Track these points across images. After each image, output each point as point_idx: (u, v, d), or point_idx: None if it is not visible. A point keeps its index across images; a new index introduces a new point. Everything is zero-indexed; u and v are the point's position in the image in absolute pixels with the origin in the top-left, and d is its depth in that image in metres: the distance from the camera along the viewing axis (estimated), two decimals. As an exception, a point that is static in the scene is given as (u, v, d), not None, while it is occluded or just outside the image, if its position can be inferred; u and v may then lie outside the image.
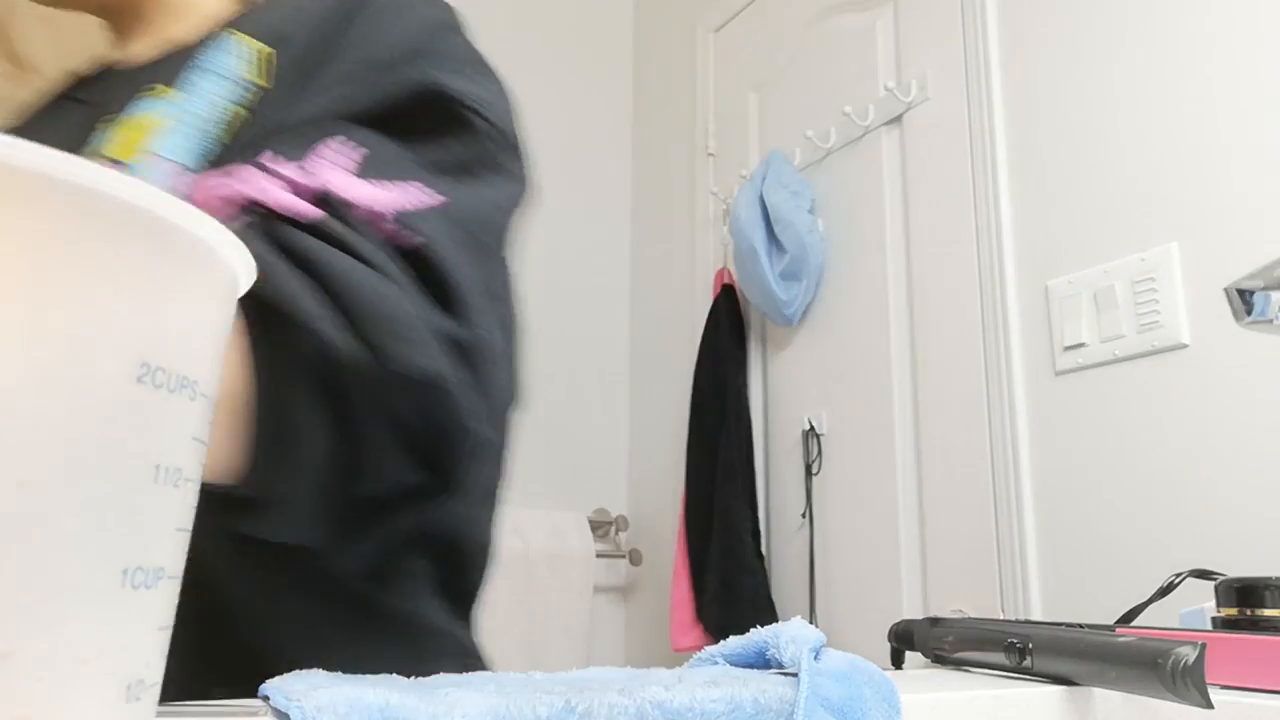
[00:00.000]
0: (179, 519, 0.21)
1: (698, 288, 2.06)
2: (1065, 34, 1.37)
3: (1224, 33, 1.18)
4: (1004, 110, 1.45)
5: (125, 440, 0.18)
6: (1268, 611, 0.57)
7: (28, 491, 0.17)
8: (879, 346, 1.60)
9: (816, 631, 0.42)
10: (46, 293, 0.17)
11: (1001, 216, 1.42)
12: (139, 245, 0.18)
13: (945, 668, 0.59)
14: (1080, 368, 1.28)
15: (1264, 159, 1.12)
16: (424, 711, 0.30)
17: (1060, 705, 0.47)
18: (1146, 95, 1.26)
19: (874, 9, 1.73)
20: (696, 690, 0.34)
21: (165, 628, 0.21)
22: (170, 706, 0.35)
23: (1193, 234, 1.18)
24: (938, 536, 1.44)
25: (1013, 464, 1.33)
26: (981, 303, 1.42)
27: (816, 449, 1.70)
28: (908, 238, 1.59)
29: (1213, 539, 1.10)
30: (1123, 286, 1.24)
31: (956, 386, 1.44)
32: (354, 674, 0.36)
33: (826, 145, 1.77)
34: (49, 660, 0.17)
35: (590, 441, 2.20)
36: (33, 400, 0.17)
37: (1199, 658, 0.41)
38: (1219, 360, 1.13)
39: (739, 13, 2.11)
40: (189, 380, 0.20)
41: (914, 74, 1.61)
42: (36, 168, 0.17)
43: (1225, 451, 1.11)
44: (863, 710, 0.36)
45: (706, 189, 2.10)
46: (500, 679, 0.37)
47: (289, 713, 0.29)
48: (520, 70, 2.43)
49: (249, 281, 0.23)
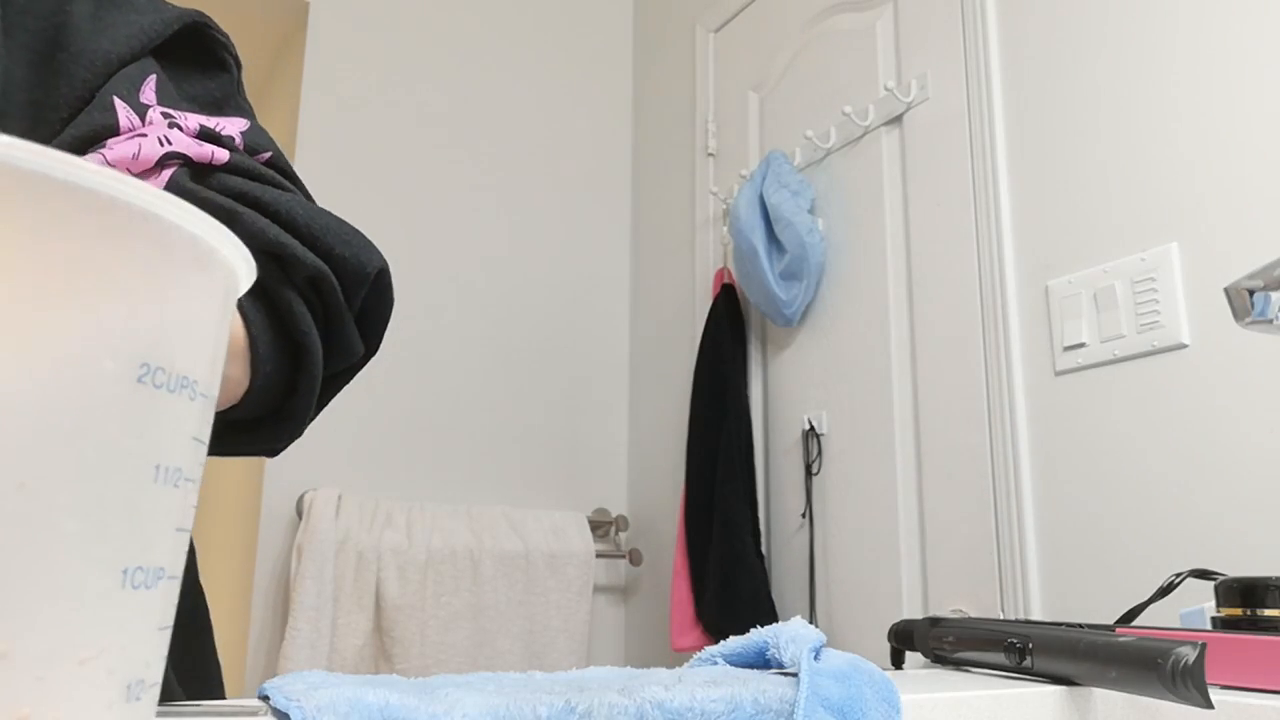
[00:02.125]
0: (179, 519, 0.21)
1: (698, 288, 2.06)
2: (1065, 34, 1.37)
3: (1225, 33, 1.18)
4: (1004, 110, 1.45)
5: (125, 440, 0.18)
6: (1268, 611, 0.57)
7: (28, 492, 0.17)
8: (879, 346, 1.60)
9: (816, 631, 0.42)
10: (47, 293, 0.17)
11: (1001, 216, 1.42)
12: (139, 245, 0.18)
13: (945, 668, 0.59)
14: (1080, 368, 1.28)
15: (1264, 159, 1.12)
16: (424, 711, 0.30)
17: (1060, 705, 0.47)
18: (1147, 95, 1.26)
19: (874, 9, 1.73)
20: (696, 690, 0.34)
21: (165, 628, 0.21)
22: (170, 706, 0.35)
23: (1193, 234, 1.18)
24: (938, 536, 1.44)
25: (1013, 464, 1.33)
26: (981, 303, 1.42)
27: (816, 449, 1.70)
28: (908, 238, 1.59)
29: (1213, 539, 1.10)
30: (1123, 286, 1.24)
31: (956, 386, 1.44)
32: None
33: (826, 145, 1.77)
34: (49, 660, 0.17)
35: (590, 441, 2.20)
36: (33, 401, 0.17)
37: (1199, 658, 0.41)
38: (1219, 360, 1.13)
39: (739, 13, 2.11)
40: (189, 380, 0.20)
41: (914, 74, 1.61)
42: (36, 167, 0.17)
43: (1225, 451, 1.11)
44: (863, 710, 0.36)
45: (706, 189, 2.10)
46: (500, 679, 0.37)
47: (289, 713, 0.29)
48: (520, 70, 2.44)
49: (249, 281, 0.23)
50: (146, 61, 0.51)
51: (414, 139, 2.07)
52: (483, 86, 2.20)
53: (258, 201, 0.48)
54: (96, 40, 0.49)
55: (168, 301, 0.19)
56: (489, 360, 2.08)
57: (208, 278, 0.21)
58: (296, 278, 0.48)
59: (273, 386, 0.48)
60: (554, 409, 2.15)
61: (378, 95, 2.05)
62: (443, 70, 2.15)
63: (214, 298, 0.21)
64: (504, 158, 2.20)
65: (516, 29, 2.29)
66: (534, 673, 0.39)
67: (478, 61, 2.21)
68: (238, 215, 0.46)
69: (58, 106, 0.47)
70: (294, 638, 1.63)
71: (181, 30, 0.53)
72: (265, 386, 0.47)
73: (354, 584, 1.73)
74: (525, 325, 2.15)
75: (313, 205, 0.51)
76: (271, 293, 0.47)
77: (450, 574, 1.82)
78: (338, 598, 1.71)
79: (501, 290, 2.12)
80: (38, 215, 0.17)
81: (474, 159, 2.15)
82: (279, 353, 0.48)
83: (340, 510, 1.76)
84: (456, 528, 1.87)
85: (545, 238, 2.23)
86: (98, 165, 0.17)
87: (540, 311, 2.18)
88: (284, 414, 0.51)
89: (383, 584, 1.75)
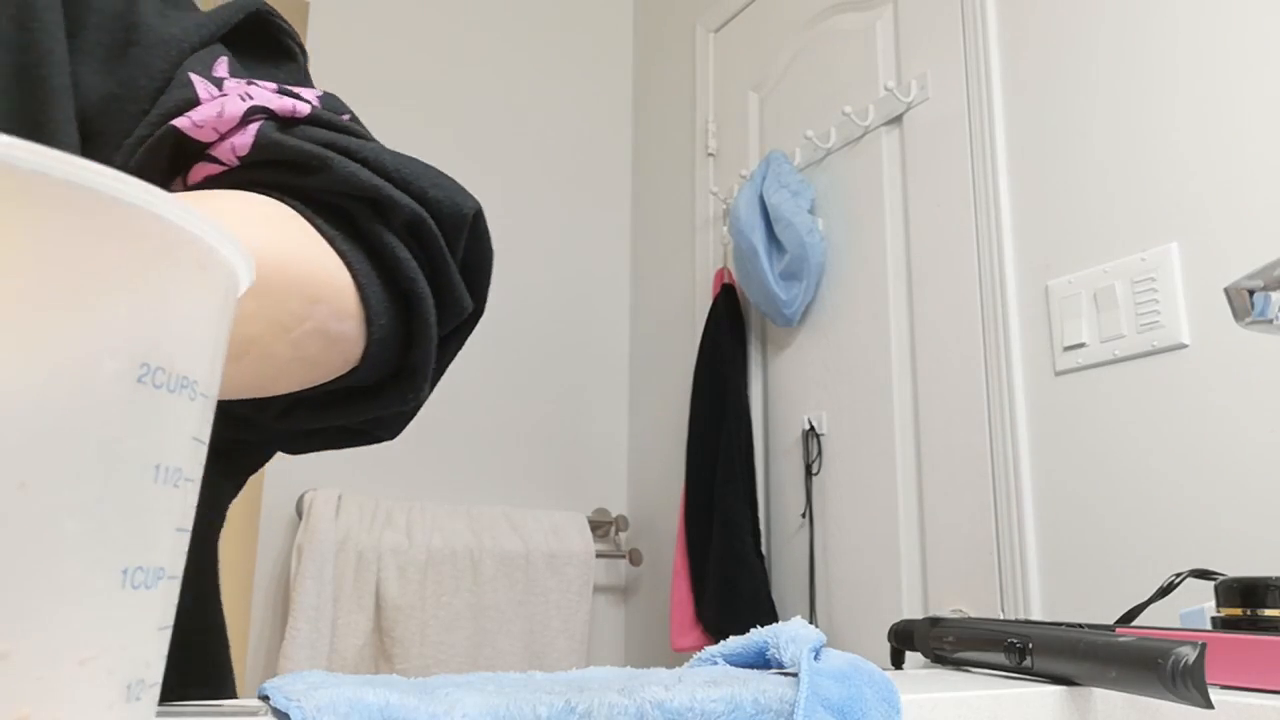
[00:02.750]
0: (179, 519, 0.21)
1: (698, 288, 2.06)
2: (1065, 34, 1.37)
3: (1225, 33, 1.18)
4: (1004, 110, 1.45)
5: (125, 440, 0.18)
6: (1268, 611, 0.57)
7: (28, 492, 0.17)
8: (879, 346, 1.60)
9: (816, 631, 0.42)
10: (47, 293, 0.17)
11: (1001, 216, 1.42)
12: (139, 245, 0.18)
13: (945, 668, 0.59)
14: (1080, 368, 1.28)
15: (1264, 159, 1.12)
16: (424, 711, 0.30)
17: (1060, 705, 0.47)
18: (1146, 95, 1.26)
19: (874, 9, 1.73)
20: (697, 690, 0.34)
21: (165, 628, 0.21)
22: (170, 706, 0.35)
23: (1193, 234, 1.18)
24: (938, 536, 1.44)
25: (1013, 464, 1.33)
26: (981, 303, 1.42)
27: (816, 449, 1.70)
28: (908, 238, 1.59)
29: (1213, 539, 1.10)
30: (1123, 286, 1.24)
31: (956, 386, 1.44)
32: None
33: (826, 145, 1.77)
34: (49, 660, 0.17)
35: (590, 441, 2.20)
36: (33, 401, 0.17)
37: (1199, 658, 0.41)
38: (1219, 360, 1.13)
39: (739, 13, 2.11)
40: (189, 380, 0.20)
41: (914, 74, 1.61)
42: (36, 167, 0.17)
43: (1225, 451, 1.11)
44: (863, 710, 0.36)
45: (706, 189, 2.10)
46: (500, 679, 0.37)
47: (289, 713, 0.29)
48: (520, 70, 2.44)
49: (249, 281, 0.23)
50: (215, 47, 0.51)
51: (414, 139, 2.07)
52: (483, 86, 2.20)
53: (346, 149, 0.47)
54: (168, 30, 0.49)
55: (168, 301, 0.19)
56: (489, 360, 2.08)
57: (208, 278, 0.21)
58: (395, 223, 0.47)
59: (389, 341, 0.46)
60: (554, 409, 2.15)
61: (378, 95, 2.05)
62: (443, 70, 2.15)
63: (214, 298, 0.21)
64: (504, 158, 2.20)
65: (516, 29, 2.29)
66: (534, 673, 0.39)
67: (478, 61, 2.21)
68: (329, 161, 0.45)
69: (138, 99, 0.47)
70: (294, 638, 1.63)
71: (246, 20, 0.53)
72: (382, 340, 0.46)
73: (354, 584, 1.73)
74: (525, 325, 2.15)
75: (399, 153, 0.49)
76: (373, 239, 0.46)
77: (450, 574, 1.82)
78: (338, 598, 1.71)
79: (502, 290, 2.12)
80: (37, 215, 0.17)
81: (474, 159, 2.15)
82: (390, 304, 0.46)
83: (340, 510, 1.76)
84: (456, 528, 1.87)
85: (545, 238, 2.23)
86: (97, 165, 0.17)
87: (540, 311, 2.18)
88: (405, 371, 0.49)
89: (383, 584, 1.75)
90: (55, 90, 0.45)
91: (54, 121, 0.45)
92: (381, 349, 0.46)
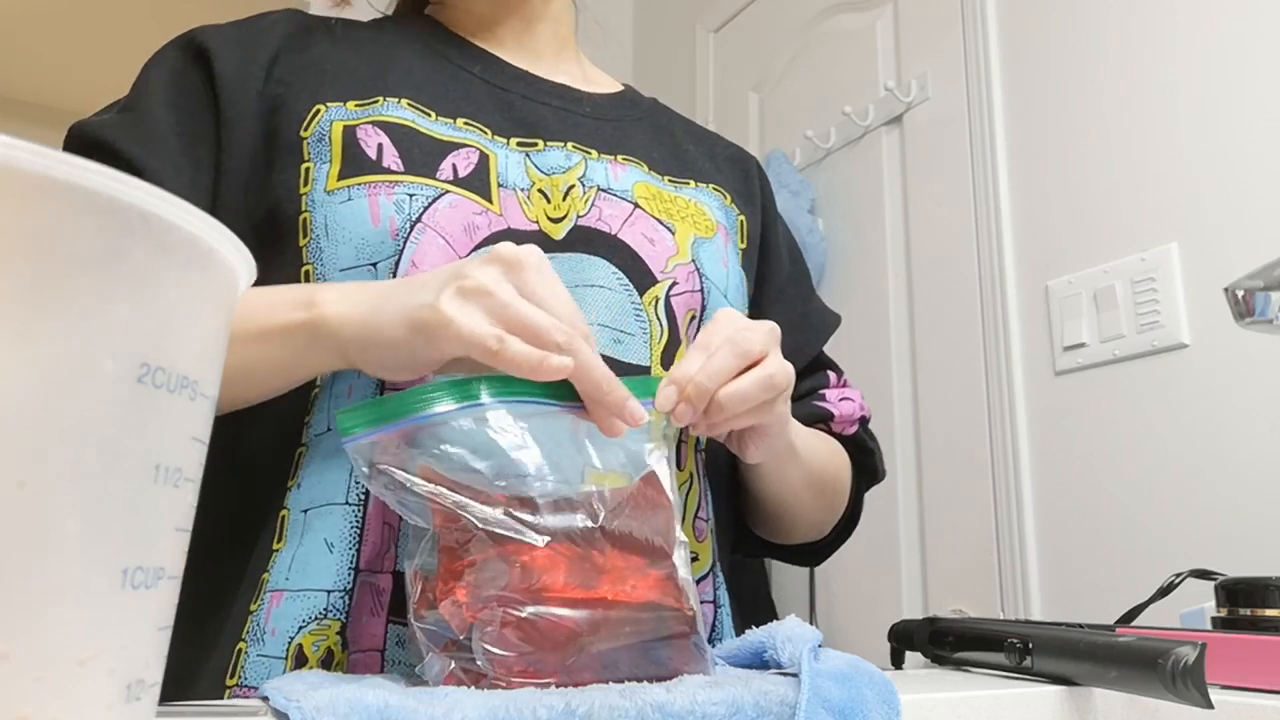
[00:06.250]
0: (179, 519, 0.21)
1: (698, 288, 2.06)
2: (1065, 34, 1.37)
3: (1224, 33, 1.18)
4: (1004, 110, 1.45)
5: (125, 440, 0.18)
6: (1268, 611, 0.57)
7: (28, 492, 0.17)
8: (879, 346, 1.60)
9: (813, 630, 0.42)
10: (48, 294, 0.17)
11: (1001, 216, 1.42)
12: (140, 246, 0.18)
13: (945, 668, 0.59)
14: (1080, 368, 1.28)
15: (1264, 159, 1.12)
16: (423, 713, 0.30)
17: (1060, 705, 0.47)
18: (1146, 95, 1.25)
19: (874, 9, 1.73)
20: (697, 693, 0.34)
21: (165, 628, 0.21)
22: (170, 706, 0.35)
23: (1193, 234, 1.18)
24: (938, 536, 1.44)
25: (1013, 464, 1.33)
26: (981, 302, 1.42)
27: (816, 449, 1.69)
28: (908, 238, 1.59)
29: (1213, 539, 1.10)
30: (1123, 286, 1.24)
31: (956, 386, 1.44)
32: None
33: (826, 145, 1.77)
34: (49, 660, 0.17)
35: (590, 441, 2.19)
36: (34, 401, 0.17)
37: (1199, 658, 0.41)
38: (1219, 360, 1.13)
39: (739, 13, 2.11)
40: (189, 380, 0.20)
41: (914, 74, 1.61)
42: (38, 169, 0.17)
43: (1225, 451, 1.11)
44: (863, 711, 0.36)
45: (706, 189, 2.10)
46: (500, 679, 0.37)
47: (289, 713, 0.29)
48: (520, 70, 2.42)
49: (249, 281, 0.23)
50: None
51: (414, 139, 2.06)
52: (483, 86, 2.20)
53: (871, 454, 0.79)
54: (827, 319, 0.92)
55: (168, 301, 0.19)
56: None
57: (208, 278, 0.21)
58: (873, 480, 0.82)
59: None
60: (554, 409, 2.15)
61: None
62: (443, 70, 2.15)
63: (214, 298, 0.21)
64: (504, 158, 2.19)
65: (516, 29, 2.29)
66: (534, 673, 0.39)
67: (478, 61, 2.21)
68: (879, 470, 0.81)
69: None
70: (294, 638, 1.63)
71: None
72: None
73: (354, 584, 1.73)
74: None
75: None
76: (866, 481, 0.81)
77: (450, 574, 1.82)
78: (338, 598, 1.71)
79: (501, 290, 2.12)
80: (38, 215, 0.17)
81: (474, 159, 2.15)
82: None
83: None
84: (456, 528, 1.87)
85: (545, 238, 2.23)
86: (98, 165, 0.17)
87: (540, 311, 2.18)
88: (846, 531, 0.83)
89: (383, 584, 1.75)
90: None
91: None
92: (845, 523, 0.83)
